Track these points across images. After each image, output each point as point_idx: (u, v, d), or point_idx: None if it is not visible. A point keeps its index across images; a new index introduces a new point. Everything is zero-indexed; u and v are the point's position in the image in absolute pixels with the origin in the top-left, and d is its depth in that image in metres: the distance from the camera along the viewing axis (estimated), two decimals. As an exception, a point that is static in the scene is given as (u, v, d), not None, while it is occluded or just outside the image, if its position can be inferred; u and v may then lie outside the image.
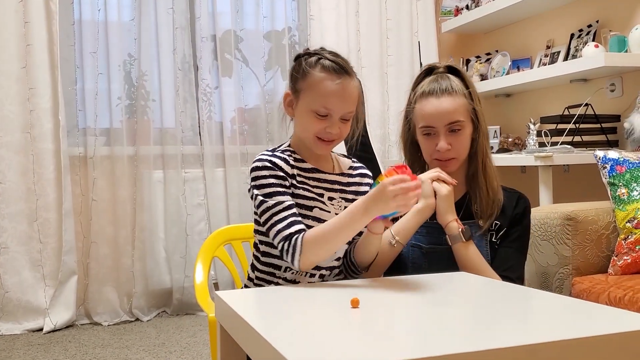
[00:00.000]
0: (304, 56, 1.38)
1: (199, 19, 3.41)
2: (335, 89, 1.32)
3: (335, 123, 1.33)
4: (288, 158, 1.37)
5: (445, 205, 1.50)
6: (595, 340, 0.87)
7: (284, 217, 1.30)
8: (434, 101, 1.52)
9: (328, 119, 1.33)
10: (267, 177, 1.33)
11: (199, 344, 2.78)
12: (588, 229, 1.89)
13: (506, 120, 3.44)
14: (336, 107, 1.32)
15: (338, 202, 1.39)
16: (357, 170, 1.48)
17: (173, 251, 3.36)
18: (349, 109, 1.35)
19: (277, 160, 1.35)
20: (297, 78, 1.36)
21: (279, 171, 1.34)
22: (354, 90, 1.35)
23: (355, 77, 1.37)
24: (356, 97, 1.37)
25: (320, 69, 1.33)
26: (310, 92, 1.33)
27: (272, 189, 1.32)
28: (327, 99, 1.32)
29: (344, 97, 1.33)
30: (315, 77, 1.33)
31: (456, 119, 1.51)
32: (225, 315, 1.15)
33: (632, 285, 1.68)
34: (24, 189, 3.10)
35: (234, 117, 3.51)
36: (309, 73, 1.34)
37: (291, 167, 1.36)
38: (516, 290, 1.22)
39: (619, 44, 2.59)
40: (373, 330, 0.95)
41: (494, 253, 1.53)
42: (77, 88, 3.27)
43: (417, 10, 3.72)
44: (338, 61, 1.35)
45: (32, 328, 3.05)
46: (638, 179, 1.89)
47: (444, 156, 1.53)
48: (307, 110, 1.34)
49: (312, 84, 1.33)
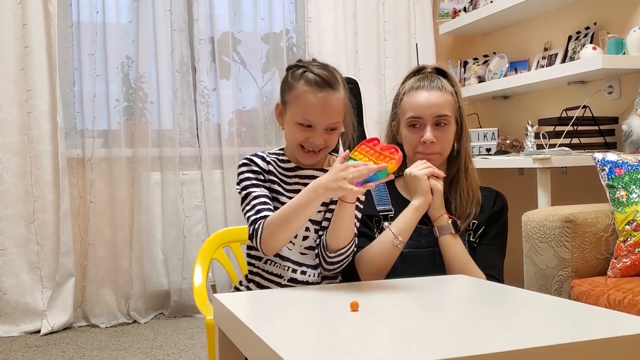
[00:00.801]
0: (292, 68, 1.45)
1: (197, 21, 3.40)
2: (317, 102, 1.37)
3: (319, 134, 1.39)
4: (268, 157, 1.46)
5: (439, 200, 1.54)
6: (595, 343, 0.87)
7: (253, 205, 1.39)
8: (424, 93, 1.56)
9: (311, 130, 1.39)
10: (244, 173, 1.44)
11: (196, 346, 2.77)
12: (587, 232, 1.89)
13: (504, 122, 3.44)
14: (318, 120, 1.38)
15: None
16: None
17: (171, 253, 3.35)
18: (331, 120, 1.39)
19: (254, 158, 1.46)
20: (285, 90, 1.44)
21: (254, 166, 1.44)
22: (337, 103, 1.40)
23: (340, 89, 1.41)
24: (340, 109, 1.41)
25: (304, 83, 1.39)
26: (295, 105, 1.40)
27: (247, 182, 1.42)
28: (309, 111, 1.38)
29: (325, 110, 1.38)
30: (299, 90, 1.39)
31: (444, 113, 1.55)
32: (224, 318, 1.15)
33: (632, 288, 1.68)
34: (21, 191, 3.09)
35: (232, 119, 3.50)
36: (294, 86, 1.41)
37: (267, 163, 1.45)
38: (515, 293, 1.22)
39: (617, 46, 2.59)
40: (372, 334, 0.95)
41: (472, 252, 1.56)
42: (75, 90, 3.27)
43: (415, 12, 3.72)
44: (322, 74, 1.39)
45: (30, 330, 3.04)
46: (637, 181, 1.89)
47: (428, 149, 1.55)
48: (292, 121, 1.41)
49: (296, 97, 1.40)
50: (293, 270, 1.42)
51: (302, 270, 1.43)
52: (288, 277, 1.43)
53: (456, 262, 1.49)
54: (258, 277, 1.46)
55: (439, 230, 1.52)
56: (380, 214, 1.58)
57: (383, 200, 1.60)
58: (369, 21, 3.65)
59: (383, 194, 1.62)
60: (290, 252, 1.43)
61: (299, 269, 1.43)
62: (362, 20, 3.64)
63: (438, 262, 1.52)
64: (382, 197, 1.61)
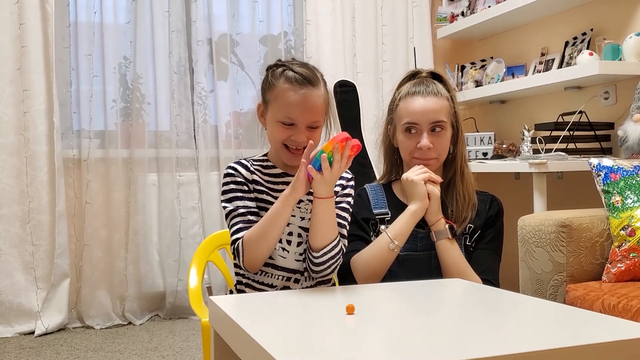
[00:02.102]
0: (272, 68, 1.44)
1: (195, 22, 3.40)
2: (297, 99, 1.36)
3: (302, 132, 1.37)
4: (252, 165, 1.44)
5: (436, 204, 1.54)
6: (590, 348, 0.87)
7: (235, 222, 1.38)
8: (420, 99, 1.56)
9: (293, 127, 1.38)
10: (228, 184, 1.42)
11: (191, 348, 2.77)
12: (582, 236, 1.90)
13: (500, 127, 3.45)
14: (299, 117, 1.37)
15: (306, 204, 1.41)
16: None
17: (167, 255, 3.35)
18: (313, 118, 1.38)
19: (238, 166, 1.44)
20: (265, 89, 1.43)
21: (238, 176, 1.42)
22: (317, 100, 1.39)
23: (321, 86, 1.41)
24: (321, 106, 1.40)
25: (284, 81, 1.39)
26: (275, 103, 1.39)
27: (230, 194, 1.41)
28: (290, 109, 1.37)
29: (306, 107, 1.37)
30: (279, 89, 1.39)
31: (440, 119, 1.56)
32: (219, 321, 1.14)
33: (626, 293, 1.68)
34: (17, 191, 3.08)
35: (229, 121, 3.50)
36: (274, 85, 1.40)
37: (251, 172, 1.43)
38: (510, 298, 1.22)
39: (613, 52, 2.61)
40: (367, 337, 0.95)
41: (468, 256, 1.56)
42: (72, 90, 3.26)
43: (413, 16, 3.73)
44: (302, 72, 1.38)
45: (24, 331, 3.02)
46: (632, 186, 1.89)
47: (424, 155, 1.56)
48: (273, 120, 1.40)
49: (277, 95, 1.39)
50: (287, 279, 1.41)
51: (295, 279, 1.42)
52: (281, 287, 1.41)
53: (453, 266, 1.50)
54: (249, 288, 1.44)
55: (436, 235, 1.53)
56: (376, 217, 1.58)
57: (380, 204, 1.61)
58: (367, 25, 3.66)
59: (380, 197, 1.62)
60: (285, 260, 1.41)
61: (292, 276, 1.42)
62: (360, 24, 3.65)
63: (434, 266, 1.53)
64: (379, 200, 1.61)
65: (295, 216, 1.40)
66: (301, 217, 1.41)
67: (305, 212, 1.41)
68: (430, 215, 1.54)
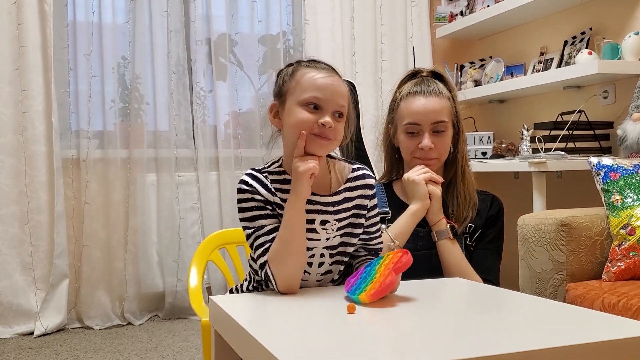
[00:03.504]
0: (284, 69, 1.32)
1: (194, 22, 3.40)
2: (323, 80, 1.24)
3: (329, 115, 1.22)
4: (272, 185, 1.26)
5: (437, 205, 1.54)
6: (591, 347, 0.87)
7: (262, 242, 1.24)
8: (421, 99, 1.56)
9: (320, 111, 1.22)
10: (248, 201, 1.26)
11: (191, 348, 2.76)
12: (582, 235, 1.90)
13: (499, 126, 3.45)
14: (327, 96, 1.22)
15: (332, 224, 1.27)
16: (358, 180, 1.31)
17: (166, 255, 3.34)
18: (340, 101, 1.24)
19: (259, 187, 1.26)
20: (281, 86, 1.28)
21: (257, 195, 1.25)
22: (342, 87, 1.26)
23: (342, 78, 1.30)
24: (346, 94, 1.27)
25: (305, 66, 1.27)
26: (297, 87, 1.24)
27: (252, 212, 1.26)
28: (316, 87, 1.23)
29: (332, 87, 1.24)
30: (302, 72, 1.26)
31: (441, 119, 1.55)
32: (220, 320, 1.14)
33: (626, 292, 1.68)
34: (15, 192, 3.08)
35: (228, 121, 3.50)
36: (295, 71, 1.27)
37: (272, 194, 1.26)
38: (510, 296, 1.22)
39: (612, 52, 2.61)
40: (368, 336, 0.95)
41: (469, 255, 1.56)
42: (71, 90, 3.25)
43: (412, 15, 3.73)
44: (322, 62, 1.29)
45: (23, 332, 3.02)
46: (632, 185, 1.89)
47: (426, 155, 1.55)
48: (295, 107, 1.23)
49: (299, 79, 1.25)
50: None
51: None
52: None
53: (454, 266, 1.50)
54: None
55: (437, 235, 1.53)
56: None
57: (380, 203, 1.60)
58: (366, 24, 3.66)
59: (380, 196, 1.62)
60: (306, 282, 1.30)
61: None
62: (359, 23, 3.65)
63: (435, 265, 1.53)
64: (380, 199, 1.61)
65: (320, 238, 1.27)
66: (326, 238, 1.27)
67: (331, 232, 1.27)
68: (431, 215, 1.54)
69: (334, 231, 1.27)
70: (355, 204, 1.30)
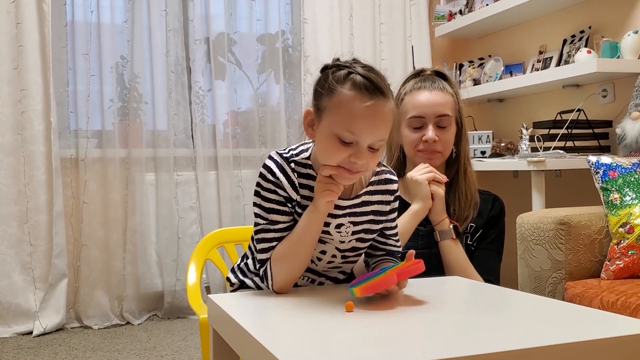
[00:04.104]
0: (331, 68, 1.18)
1: (192, 22, 3.40)
2: (365, 111, 1.12)
3: (363, 152, 1.13)
4: (297, 180, 1.22)
5: (441, 204, 1.54)
6: (589, 344, 0.87)
7: (270, 239, 1.22)
8: (426, 93, 1.56)
9: (354, 146, 1.13)
10: (270, 192, 1.21)
11: (190, 347, 2.76)
12: (581, 234, 1.90)
13: (498, 125, 3.45)
14: (364, 133, 1.12)
15: (347, 227, 1.25)
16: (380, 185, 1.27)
17: (165, 254, 3.34)
18: (379, 136, 1.14)
19: (284, 180, 1.21)
20: (322, 94, 1.17)
21: (284, 192, 1.21)
22: (387, 114, 1.14)
23: (391, 98, 1.17)
24: (390, 122, 1.16)
25: (350, 87, 1.13)
26: (335, 113, 1.14)
27: (271, 204, 1.22)
28: (355, 122, 1.12)
29: (374, 122, 1.12)
30: (343, 96, 1.13)
31: (446, 112, 1.56)
32: (219, 319, 1.14)
33: (625, 290, 1.68)
34: (14, 191, 3.07)
35: (227, 120, 3.50)
36: (336, 90, 1.14)
37: (296, 190, 1.21)
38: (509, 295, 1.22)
39: (611, 50, 2.61)
40: (366, 335, 0.95)
41: (469, 255, 1.56)
42: (69, 90, 3.25)
43: (411, 14, 3.73)
44: (372, 77, 1.14)
45: (22, 331, 3.02)
46: (630, 184, 1.89)
47: (430, 147, 1.55)
48: (329, 133, 1.14)
49: (338, 103, 1.13)
50: (311, 281, 1.32)
51: (319, 282, 1.33)
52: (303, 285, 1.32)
53: (456, 267, 1.50)
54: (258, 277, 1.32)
55: (440, 234, 1.53)
56: None
57: None
58: (365, 23, 3.66)
59: None
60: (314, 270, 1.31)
61: (317, 279, 1.33)
62: (358, 22, 3.65)
63: (435, 264, 1.53)
64: None
65: (334, 239, 1.25)
66: (340, 241, 1.26)
67: (345, 235, 1.25)
68: (434, 214, 1.53)
69: (349, 235, 1.25)
70: (373, 209, 1.26)
